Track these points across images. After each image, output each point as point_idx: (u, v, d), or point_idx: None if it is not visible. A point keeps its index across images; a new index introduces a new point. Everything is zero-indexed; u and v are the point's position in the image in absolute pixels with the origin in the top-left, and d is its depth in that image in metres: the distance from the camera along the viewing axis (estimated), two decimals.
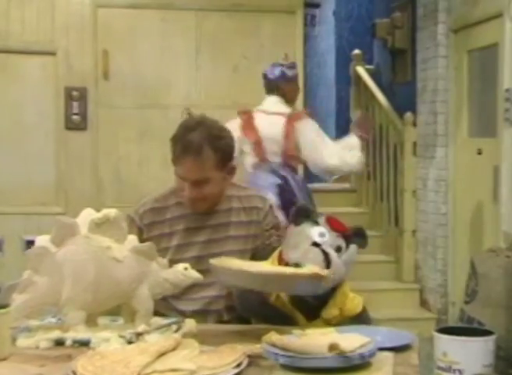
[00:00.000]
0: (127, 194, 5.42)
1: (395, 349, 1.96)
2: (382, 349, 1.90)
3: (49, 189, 5.62)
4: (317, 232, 2.22)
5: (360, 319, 2.32)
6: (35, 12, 5.56)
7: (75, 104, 5.62)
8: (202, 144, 2.48)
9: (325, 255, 2.18)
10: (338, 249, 2.22)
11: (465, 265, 4.53)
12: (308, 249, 2.19)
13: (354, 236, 2.28)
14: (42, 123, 5.65)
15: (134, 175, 5.68)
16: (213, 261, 2.17)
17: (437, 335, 1.75)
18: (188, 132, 2.50)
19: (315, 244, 2.20)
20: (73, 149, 5.65)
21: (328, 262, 2.17)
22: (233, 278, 2.14)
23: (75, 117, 5.65)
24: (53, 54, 5.62)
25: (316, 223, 2.26)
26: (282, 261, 2.25)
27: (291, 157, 4.40)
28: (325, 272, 2.11)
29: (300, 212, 2.31)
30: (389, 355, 1.91)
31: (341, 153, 4.33)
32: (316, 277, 2.09)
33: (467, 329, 1.82)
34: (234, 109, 5.58)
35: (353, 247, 2.26)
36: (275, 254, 2.31)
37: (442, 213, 5.80)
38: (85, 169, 5.67)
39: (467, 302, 4.19)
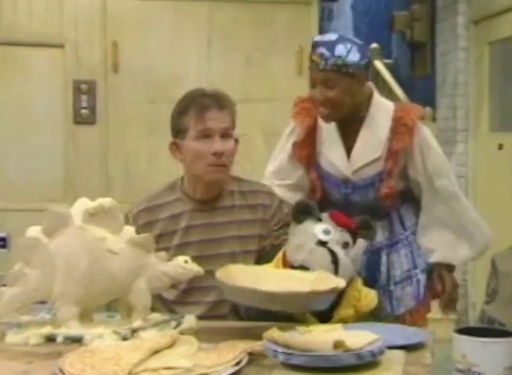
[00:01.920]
0: (137, 190, 5.28)
1: (406, 348, 1.86)
2: (392, 347, 1.80)
3: (57, 185, 5.56)
4: (321, 229, 2.10)
5: (376, 314, 2.20)
6: (43, 3, 5.47)
7: (83, 97, 5.54)
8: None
9: (332, 254, 2.06)
10: (345, 245, 2.11)
11: (486, 264, 4.42)
12: (314, 249, 2.07)
13: (360, 228, 2.16)
14: (50, 117, 5.57)
15: (144, 171, 5.57)
16: (219, 273, 2.02)
17: (456, 336, 1.68)
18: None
19: (321, 243, 2.07)
20: (82, 144, 5.57)
21: (336, 263, 2.06)
22: (241, 297, 1.99)
23: (83, 111, 5.56)
24: (61, 46, 5.54)
25: (319, 220, 2.13)
26: (286, 263, 2.13)
27: None
28: (343, 283, 1.97)
29: (300, 209, 2.18)
30: (399, 353, 1.81)
31: None
32: (335, 291, 1.97)
33: (488, 330, 1.77)
34: (247, 103, 5.46)
35: (360, 241, 2.15)
36: (279, 255, 2.19)
37: None
38: (94, 165, 5.59)
39: (487, 302, 4.08)
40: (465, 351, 1.64)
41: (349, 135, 2.68)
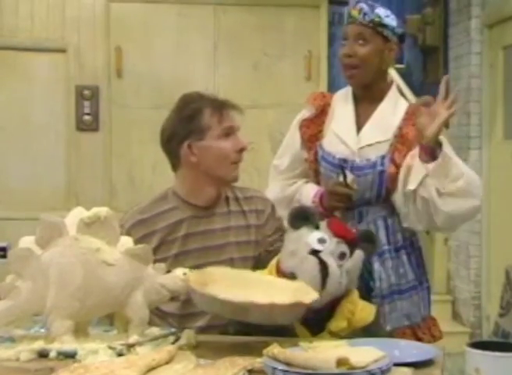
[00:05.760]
0: (141, 198, 5.17)
1: (415, 365, 1.78)
2: (399, 365, 1.73)
3: (59, 193, 5.54)
4: (316, 238, 2.04)
5: (370, 329, 2.12)
6: (45, 7, 5.48)
7: (86, 103, 5.54)
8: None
9: (323, 264, 1.99)
10: (341, 256, 2.04)
11: (500, 275, 4.36)
12: (305, 258, 2.02)
13: (362, 241, 2.10)
14: (52, 123, 5.56)
15: (148, 178, 5.54)
16: (192, 277, 2.01)
17: (469, 350, 1.66)
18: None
19: (313, 252, 2.01)
20: (85, 151, 5.56)
21: (325, 273, 1.99)
22: (204, 304, 1.97)
23: (86, 117, 5.56)
24: (63, 51, 5.54)
25: (316, 227, 2.07)
26: (279, 270, 2.09)
27: None
28: (309, 299, 1.90)
29: (298, 215, 2.11)
30: (407, 371, 1.74)
31: None
32: (298, 306, 1.90)
33: (502, 344, 1.77)
34: (254, 109, 5.38)
35: (358, 253, 2.08)
36: (274, 262, 2.14)
37: (475, 220, 5.54)
38: (97, 173, 5.58)
39: (501, 315, 4.03)
40: (478, 366, 1.62)
41: (363, 115, 2.68)
